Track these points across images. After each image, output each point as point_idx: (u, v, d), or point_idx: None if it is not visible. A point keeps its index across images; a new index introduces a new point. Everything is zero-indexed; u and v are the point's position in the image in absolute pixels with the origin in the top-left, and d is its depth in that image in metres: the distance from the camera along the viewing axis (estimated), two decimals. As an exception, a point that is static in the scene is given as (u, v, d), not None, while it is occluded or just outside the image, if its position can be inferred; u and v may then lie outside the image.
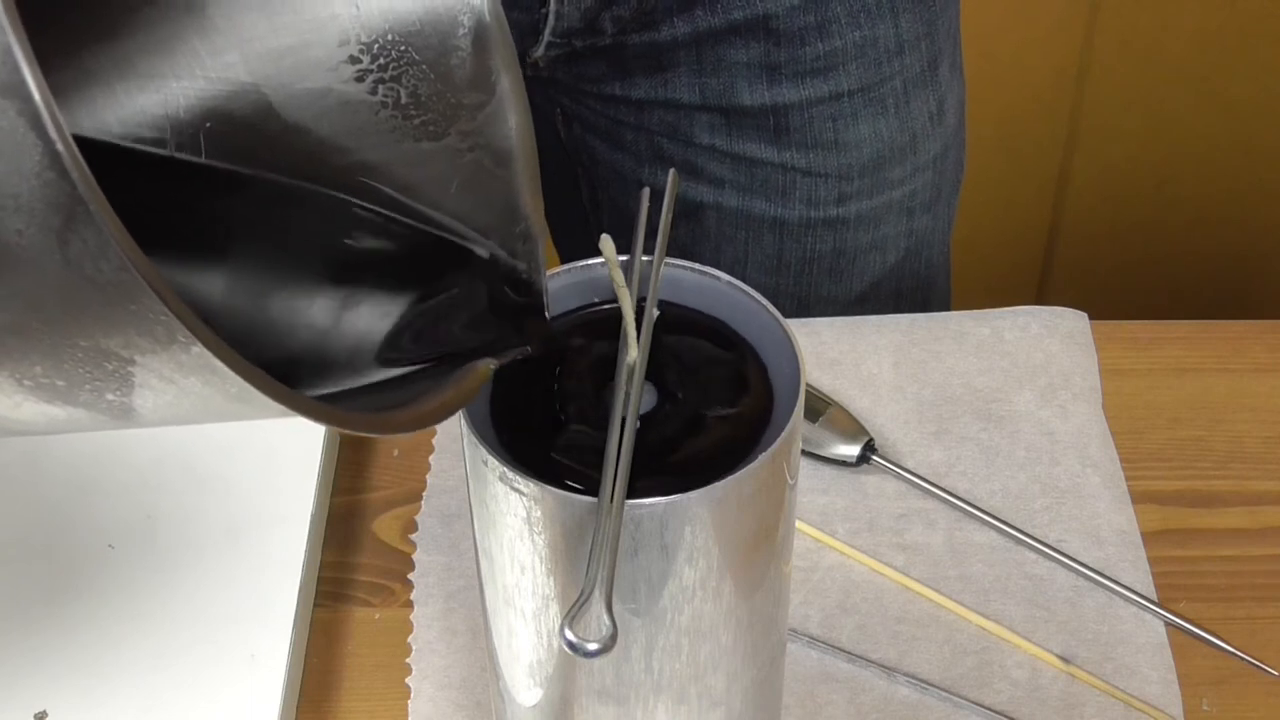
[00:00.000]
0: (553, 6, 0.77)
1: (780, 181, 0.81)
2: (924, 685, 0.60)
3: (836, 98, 0.79)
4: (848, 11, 0.76)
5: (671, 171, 0.50)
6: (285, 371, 0.33)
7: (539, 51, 0.79)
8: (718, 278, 0.47)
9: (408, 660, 0.61)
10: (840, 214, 0.83)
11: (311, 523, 0.64)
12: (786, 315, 0.47)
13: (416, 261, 0.45)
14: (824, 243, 0.84)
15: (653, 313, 0.46)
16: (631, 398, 0.43)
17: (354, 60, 0.43)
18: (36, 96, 0.27)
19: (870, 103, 0.80)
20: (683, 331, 0.47)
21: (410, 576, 0.64)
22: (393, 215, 0.45)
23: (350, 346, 0.43)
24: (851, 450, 0.67)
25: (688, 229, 0.85)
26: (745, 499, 0.43)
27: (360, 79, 0.44)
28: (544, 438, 0.43)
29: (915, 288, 0.89)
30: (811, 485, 0.67)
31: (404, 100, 0.44)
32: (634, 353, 0.44)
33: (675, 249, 0.86)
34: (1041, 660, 0.61)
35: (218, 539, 0.63)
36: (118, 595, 0.61)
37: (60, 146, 0.27)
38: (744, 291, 0.47)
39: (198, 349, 0.30)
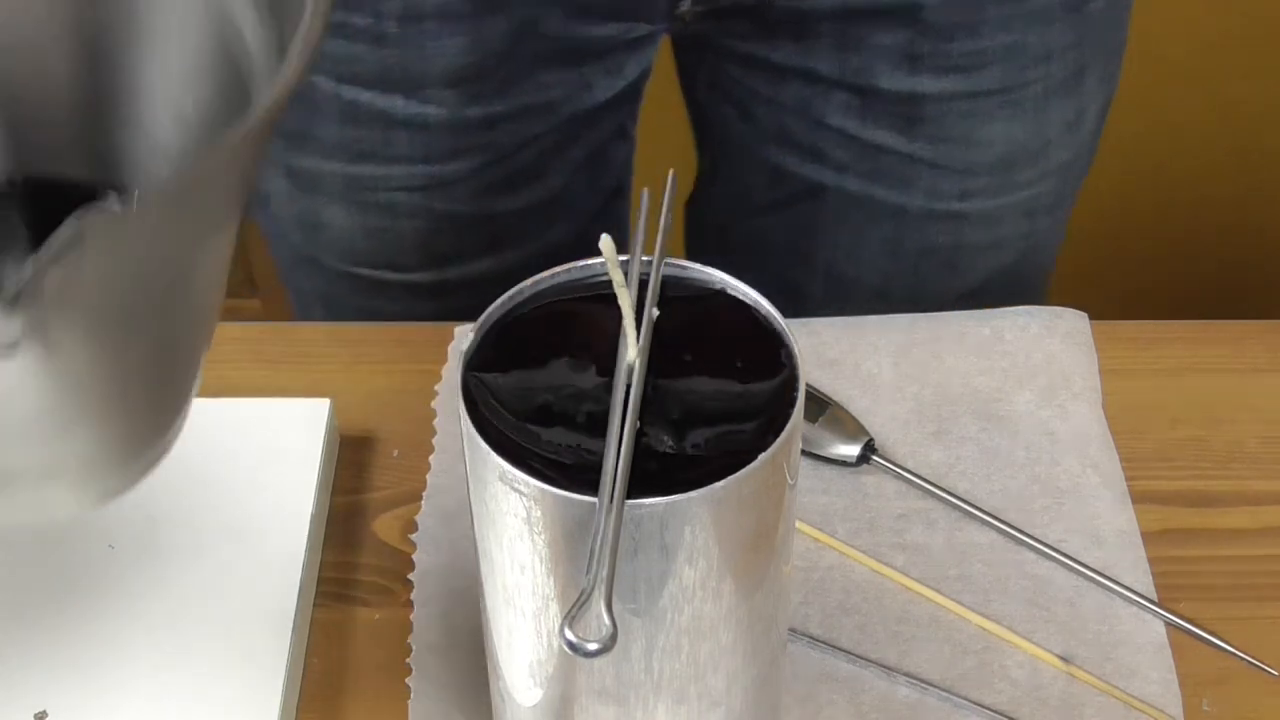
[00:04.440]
0: None
1: (904, 171, 0.81)
2: (924, 685, 0.60)
3: (973, 95, 0.78)
4: (1000, 16, 0.76)
5: (671, 172, 0.50)
6: None
7: (685, 5, 0.78)
8: (717, 277, 0.47)
9: (408, 660, 0.61)
10: (962, 209, 0.82)
11: (311, 523, 0.64)
12: (896, 306, 0.46)
13: None
14: (943, 235, 0.83)
15: (653, 313, 0.46)
16: (631, 398, 0.43)
17: None
18: None
19: (1007, 105, 0.79)
20: (705, 307, 0.47)
21: (410, 576, 0.64)
22: None
23: None
24: (851, 450, 0.67)
25: (806, 207, 0.84)
26: (745, 499, 0.43)
27: None
28: (545, 437, 0.43)
29: (1026, 289, 0.89)
30: (811, 485, 0.67)
31: None
32: (633, 353, 0.44)
33: (794, 226, 0.86)
34: (1041, 660, 0.61)
35: (218, 539, 0.63)
36: (118, 595, 0.61)
37: None
38: (744, 292, 0.47)
39: None
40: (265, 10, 0.44)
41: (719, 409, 0.44)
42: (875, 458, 0.67)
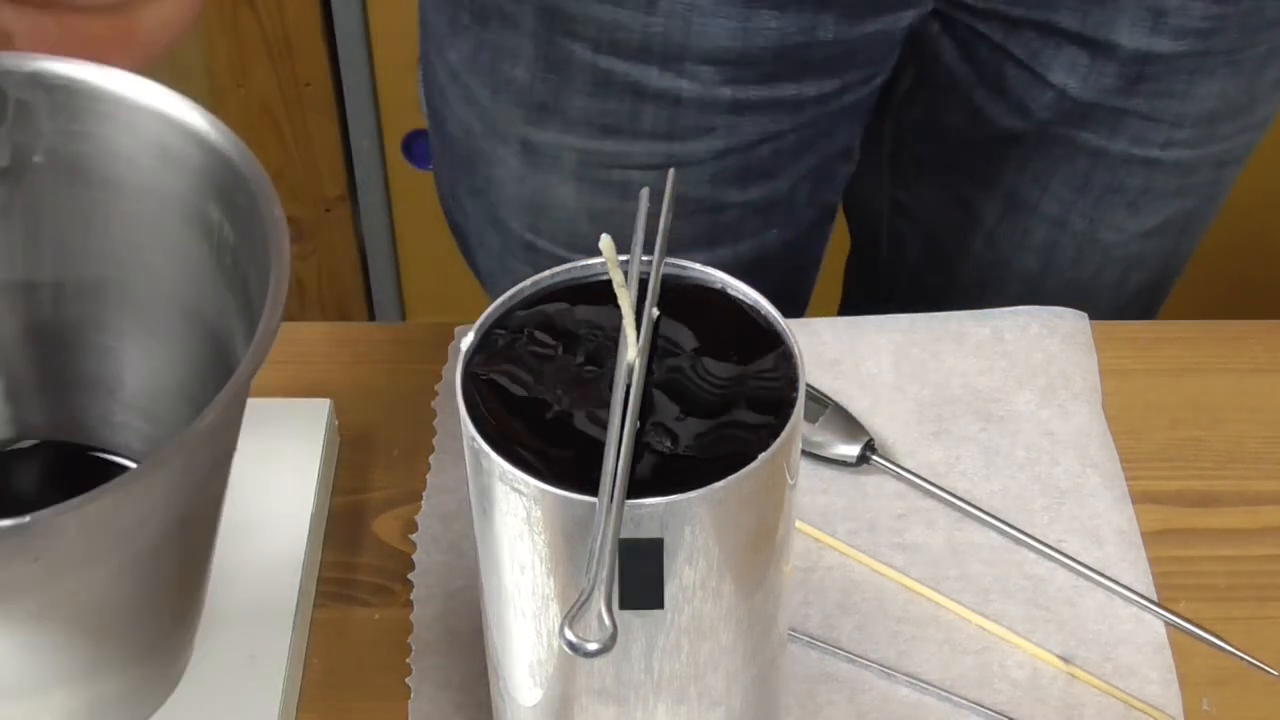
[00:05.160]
0: None
1: (1113, 121, 0.80)
2: (924, 685, 0.60)
3: (1202, 55, 0.77)
4: None
5: (671, 171, 0.50)
6: None
7: None
8: (717, 277, 0.47)
9: (408, 660, 0.61)
10: (1160, 156, 0.82)
11: (311, 523, 0.64)
12: (1069, 235, 0.46)
13: None
14: (1135, 178, 0.83)
15: (653, 313, 0.46)
16: (631, 398, 0.43)
17: None
18: None
19: (1230, 64, 0.79)
20: (705, 307, 0.47)
21: (410, 576, 0.64)
22: None
23: None
24: (851, 450, 0.67)
25: (1007, 147, 0.84)
26: (745, 499, 0.43)
27: None
28: (545, 438, 0.43)
29: (1195, 232, 0.89)
30: (811, 485, 0.67)
31: None
32: (633, 353, 0.44)
33: (981, 155, 0.85)
34: (1041, 660, 0.61)
35: (218, 539, 0.63)
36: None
37: None
38: (744, 292, 0.47)
39: None
40: (243, 301, 0.49)
41: (719, 409, 0.44)
42: (875, 458, 0.67)
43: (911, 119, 0.88)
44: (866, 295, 1.02)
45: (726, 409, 0.44)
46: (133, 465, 0.57)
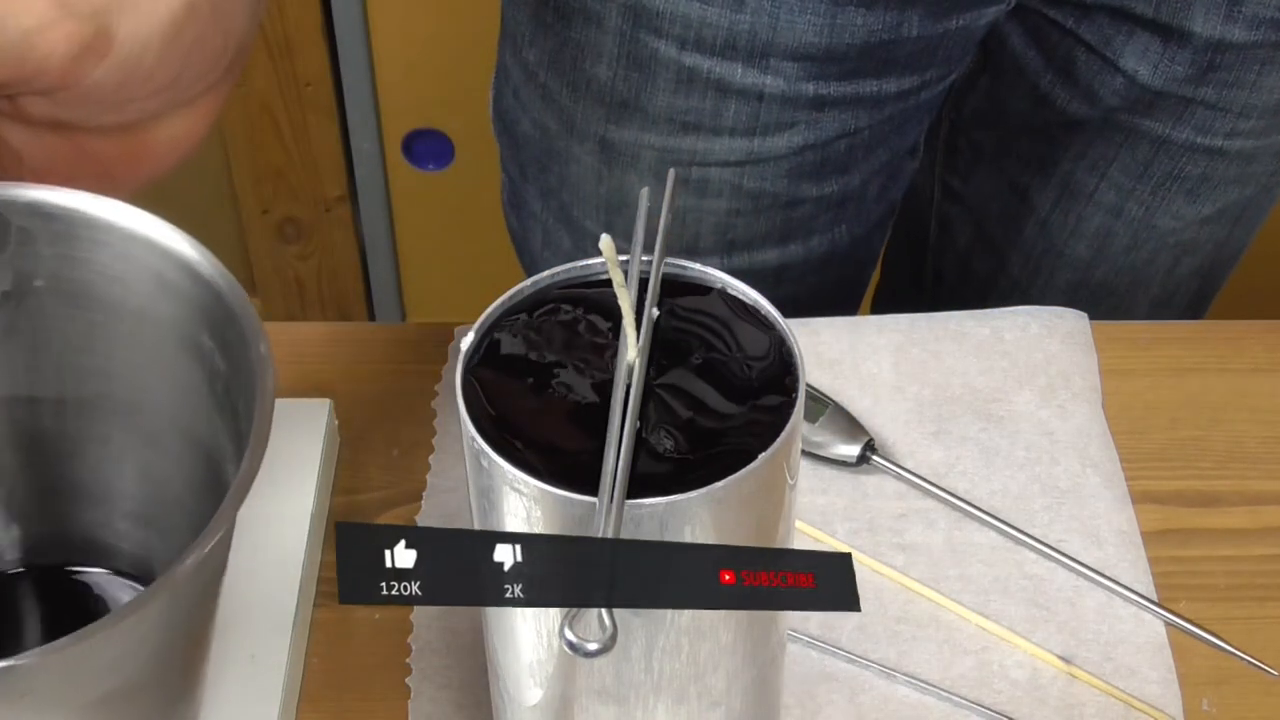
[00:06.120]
0: None
1: (1179, 110, 0.80)
2: (924, 685, 0.60)
3: (1275, 46, 0.77)
4: None
5: (671, 171, 0.50)
6: None
7: None
8: (717, 277, 0.47)
9: (408, 660, 0.61)
10: (1224, 145, 0.82)
11: (311, 523, 0.64)
12: (1126, 223, 0.45)
13: None
14: (1196, 166, 0.83)
15: (652, 313, 0.46)
16: (631, 398, 0.43)
17: None
18: None
19: None
20: (705, 307, 0.47)
21: (410, 576, 0.64)
22: None
23: None
24: (851, 450, 0.67)
25: (1069, 133, 0.84)
26: (745, 499, 0.43)
27: None
28: (545, 437, 0.43)
29: (1253, 221, 0.89)
30: (811, 485, 0.67)
31: None
32: (633, 353, 0.44)
33: (1040, 142, 0.85)
34: (1041, 660, 0.61)
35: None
36: (118, 595, 0.61)
37: None
38: (743, 291, 0.47)
39: None
40: (233, 428, 0.50)
41: (719, 409, 0.44)
42: (875, 458, 0.67)
43: (972, 104, 0.88)
44: (911, 281, 1.02)
45: (726, 409, 0.44)
46: (112, 575, 0.59)
